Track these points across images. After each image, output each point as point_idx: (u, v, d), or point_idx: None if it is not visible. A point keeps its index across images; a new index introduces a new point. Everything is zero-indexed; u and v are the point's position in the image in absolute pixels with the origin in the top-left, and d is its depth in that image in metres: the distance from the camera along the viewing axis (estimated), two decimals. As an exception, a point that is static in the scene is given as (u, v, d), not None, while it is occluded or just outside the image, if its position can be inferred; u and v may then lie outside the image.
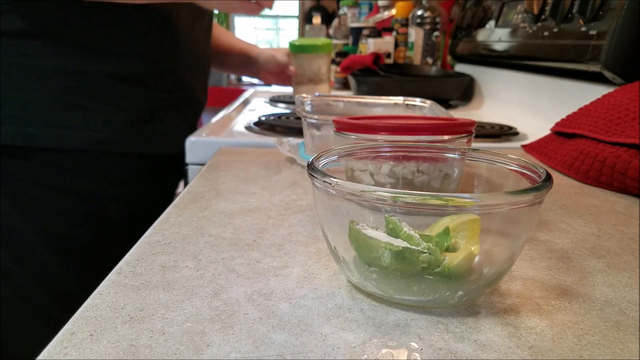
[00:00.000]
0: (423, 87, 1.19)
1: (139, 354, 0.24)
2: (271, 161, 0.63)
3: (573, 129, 0.62)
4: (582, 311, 0.28)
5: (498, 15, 1.09)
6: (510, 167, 0.33)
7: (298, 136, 0.75)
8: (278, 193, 0.50)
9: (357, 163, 0.41)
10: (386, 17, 1.93)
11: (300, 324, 0.26)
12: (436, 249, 0.27)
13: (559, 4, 0.79)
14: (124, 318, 0.26)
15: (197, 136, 0.73)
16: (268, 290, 0.30)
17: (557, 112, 0.75)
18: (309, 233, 0.39)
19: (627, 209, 0.47)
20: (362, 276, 0.29)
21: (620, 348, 0.25)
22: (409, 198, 0.25)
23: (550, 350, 0.24)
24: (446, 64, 1.56)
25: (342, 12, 2.52)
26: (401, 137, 0.43)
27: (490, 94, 1.18)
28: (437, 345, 0.25)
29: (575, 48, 0.74)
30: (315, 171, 0.28)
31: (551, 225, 0.42)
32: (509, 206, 0.26)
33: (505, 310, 0.28)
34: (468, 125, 0.44)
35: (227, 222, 0.41)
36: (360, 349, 0.24)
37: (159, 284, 0.30)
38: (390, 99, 0.67)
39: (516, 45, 0.97)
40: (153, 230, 0.39)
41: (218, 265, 0.33)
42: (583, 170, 0.56)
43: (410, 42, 1.49)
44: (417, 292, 0.27)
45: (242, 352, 0.24)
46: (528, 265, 0.34)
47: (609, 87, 0.69)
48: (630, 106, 0.56)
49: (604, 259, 0.36)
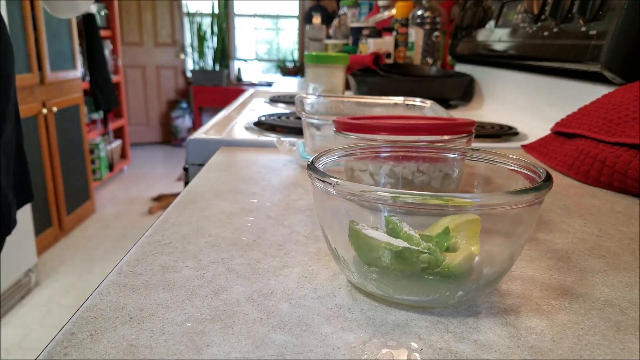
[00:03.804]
0: (423, 87, 1.19)
1: (139, 354, 0.24)
2: (271, 161, 0.63)
3: (573, 129, 0.62)
4: (582, 311, 0.28)
5: (498, 15, 1.09)
6: (510, 167, 0.33)
7: (298, 136, 0.75)
8: (278, 193, 0.50)
9: (357, 163, 0.41)
10: (386, 17, 1.92)
11: (300, 324, 0.26)
12: (436, 249, 0.27)
13: (559, 4, 0.79)
14: (124, 318, 0.26)
15: (198, 136, 0.73)
16: (268, 290, 0.30)
17: (557, 112, 0.76)
18: (309, 233, 0.39)
19: (627, 209, 0.47)
20: (362, 276, 0.29)
21: (620, 348, 0.25)
22: (409, 198, 0.25)
23: (550, 350, 0.24)
24: (446, 64, 1.56)
25: (342, 12, 2.52)
26: (401, 137, 0.43)
27: (490, 94, 1.18)
28: (437, 345, 0.25)
29: (575, 48, 0.74)
30: (315, 171, 0.28)
31: (551, 225, 0.42)
32: (509, 206, 0.26)
33: (505, 310, 0.28)
34: (468, 125, 0.44)
35: (227, 222, 0.41)
36: (360, 349, 0.24)
37: (159, 284, 0.30)
38: (390, 99, 0.67)
39: (516, 45, 0.97)
40: (153, 230, 0.39)
41: (218, 265, 0.33)
42: (583, 170, 0.56)
43: (410, 42, 1.49)
44: (417, 292, 0.27)
45: (242, 352, 0.24)
46: (528, 265, 0.34)
47: (609, 87, 0.69)
48: (630, 106, 0.56)
49: (604, 259, 0.36)
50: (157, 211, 3.07)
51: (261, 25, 5.05)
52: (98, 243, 2.60)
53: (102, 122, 3.59)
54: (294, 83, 2.07)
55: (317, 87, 1.03)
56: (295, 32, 4.98)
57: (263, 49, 5.12)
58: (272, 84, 2.21)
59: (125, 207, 3.17)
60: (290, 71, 4.71)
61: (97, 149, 3.39)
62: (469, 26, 1.24)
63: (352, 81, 1.25)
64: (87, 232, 2.74)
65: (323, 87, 1.02)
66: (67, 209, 2.67)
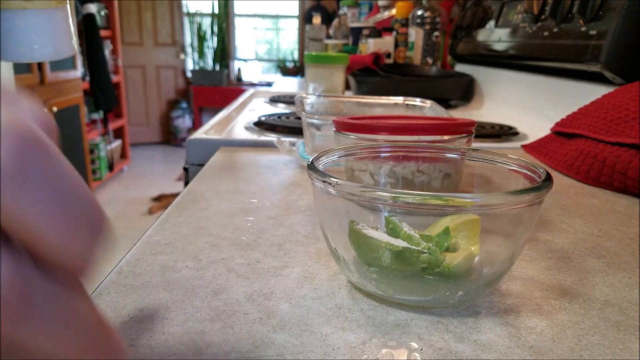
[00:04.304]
0: (423, 87, 1.19)
1: (139, 354, 0.24)
2: (271, 161, 0.63)
3: (573, 129, 0.62)
4: (582, 311, 0.28)
5: (498, 15, 1.09)
6: (510, 167, 0.33)
7: (298, 136, 0.75)
8: (278, 193, 0.50)
9: (357, 163, 0.41)
10: (386, 17, 1.92)
11: (300, 324, 0.26)
12: (436, 249, 0.27)
13: (559, 4, 0.79)
14: (124, 318, 0.26)
15: (198, 136, 0.73)
16: (268, 290, 0.30)
17: (557, 112, 0.76)
18: (309, 233, 0.39)
19: (627, 209, 0.47)
20: (362, 276, 0.29)
21: (620, 348, 0.25)
22: (409, 198, 0.25)
23: (550, 350, 0.24)
24: (446, 64, 1.56)
25: (342, 12, 2.52)
26: (401, 137, 0.43)
27: (490, 94, 1.18)
28: (437, 345, 0.25)
29: (575, 48, 0.74)
30: (315, 171, 0.28)
31: (551, 225, 0.42)
32: (509, 206, 0.26)
33: (505, 310, 0.28)
34: (468, 125, 0.44)
35: (227, 222, 0.41)
36: (360, 349, 0.24)
37: (159, 284, 0.30)
38: (390, 99, 0.67)
39: (516, 45, 0.97)
40: (153, 230, 0.39)
41: (218, 265, 0.33)
42: (583, 170, 0.56)
43: (410, 42, 1.49)
44: (417, 292, 0.27)
45: (242, 352, 0.24)
46: (528, 265, 0.34)
47: (609, 87, 0.69)
48: (630, 106, 0.56)
49: (604, 259, 0.36)
50: (157, 211, 3.07)
51: (261, 25, 5.06)
52: (98, 243, 2.59)
53: (102, 122, 3.60)
54: (294, 83, 2.07)
55: (317, 87, 1.02)
56: (295, 32, 4.98)
57: (263, 49, 5.12)
58: (272, 84, 2.21)
59: (125, 207, 3.17)
60: (290, 71, 4.71)
61: (97, 149, 3.39)
62: (469, 26, 1.24)
63: (352, 81, 1.25)
64: (87, 232, 2.73)
65: (323, 87, 1.02)
66: (67, 209, 2.66)
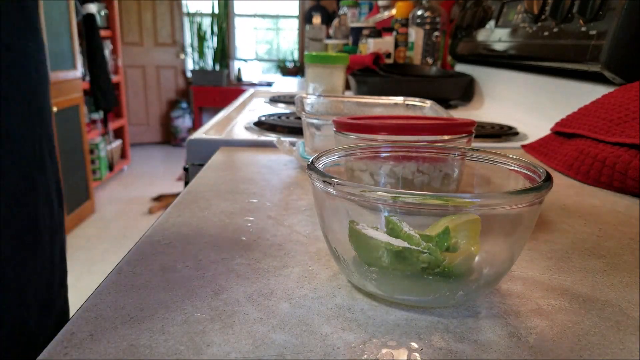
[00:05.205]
0: (423, 87, 1.19)
1: (139, 354, 0.24)
2: (271, 161, 0.63)
3: (573, 129, 0.62)
4: (582, 311, 0.28)
5: (498, 15, 1.09)
6: (510, 167, 0.33)
7: (298, 136, 0.75)
8: (278, 193, 0.50)
9: (357, 163, 0.41)
10: (386, 17, 1.92)
11: (300, 324, 0.26)
12: (436, 249, 0.27)
13: (559, 4, 0.79)
14: (124, 318, 0.26)
15: (198, 136, 0.73)
16: (268, 290, 0.30)
17: (557, 112, 0.75)
18: (309, 233, 0.39)
19: (627, 209, 0.47)
20: (362, 276, 0.29)
21: (620, 348, 0.25)
22: (409, 198, 0.25)
23: (550, 350, 0.24)
24: (446, 64, 1.56)
25: (342, 12, 2.52)
26: (401, 137, 0.43)
27: (490, 94, 1.18)
28: (437, 345, 0.25)
29: (575, 48, 0.74)
30: (315, 171, 0.28)
31: (551, 225, 0.42)
32: (509, 206, 0.26)
33: (505, 310, 0.28)
34: (468, 125, 0.44)
35: (227, 222, 0.41)
36: (360, 349, 0.24)
37: (159, 284, 0.30)
38: (390, 99, 0.67)
39: (516, 45, 0.97)
40: (153, 230, 0.39)
41: (218, 265, 0.33)
42: (583, 170, 0.56)
43: (410, 42, 1.49)
44: (417, 292, 0.27)
45: (242, 352, 0.24)
46: (528, 265, 0.34)
47: (609, 87, 0.69)
48: (630, 106, 0.56)
49: (604, 259, 0.36)
50: (157, 211, 3.07)
51: (261, 25, 5.05)
52: (98, 243, 2.60)
53: (102, 122, 3.60)
54: (294, 83, 2.07)
55: (317, 87, 1.02)
56: (295, 32, 4.98)
57: (263, 49, 5.12)
58: (272, 84, 2.21)
59: (125, 207, 3.17)
60: (290, 71, 4.71)
61: (97, 149, 3.39)
62: (469, 26, 1.24)
63: (352, 81, 1.25)
64: (87, 232, 2.74)
65: (323, 87, 1.02)
66: (67, 208, 2.66)
